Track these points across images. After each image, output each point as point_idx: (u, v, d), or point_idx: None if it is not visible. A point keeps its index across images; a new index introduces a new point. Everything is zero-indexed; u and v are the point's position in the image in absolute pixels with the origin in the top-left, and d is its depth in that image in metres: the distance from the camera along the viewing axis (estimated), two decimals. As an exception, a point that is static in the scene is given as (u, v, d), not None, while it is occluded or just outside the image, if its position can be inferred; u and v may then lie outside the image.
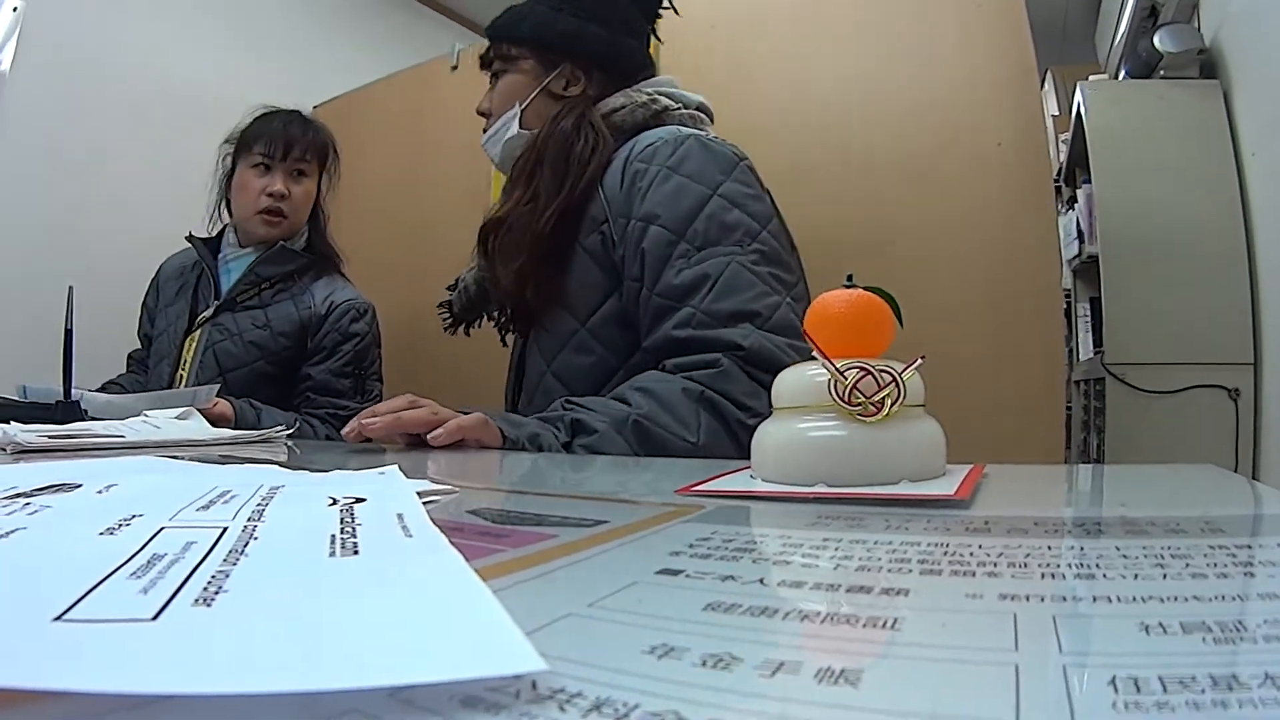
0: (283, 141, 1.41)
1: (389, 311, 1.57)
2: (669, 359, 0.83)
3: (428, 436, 0.75)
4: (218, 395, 1.18)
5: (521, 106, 1.00)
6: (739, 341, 0.79)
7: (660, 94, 1.00)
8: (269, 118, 1.45)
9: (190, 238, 1.48)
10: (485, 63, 1.06)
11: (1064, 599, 0.20)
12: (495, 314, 1.09)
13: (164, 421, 0.93)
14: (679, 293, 0.84)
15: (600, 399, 0.83)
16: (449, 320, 1.18)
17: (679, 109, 1.00)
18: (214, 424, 1.12)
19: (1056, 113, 2.97)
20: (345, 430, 0.78)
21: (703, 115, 1.03)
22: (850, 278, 0.49)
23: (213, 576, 0.20)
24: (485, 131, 1.05)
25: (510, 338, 1.12)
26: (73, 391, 1.00)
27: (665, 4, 1.10)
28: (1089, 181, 2.11)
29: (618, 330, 0.91)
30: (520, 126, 1.00)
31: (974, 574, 0.23)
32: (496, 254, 0.98)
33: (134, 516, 0.28)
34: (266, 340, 1.37)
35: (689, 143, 0.90)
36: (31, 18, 1.79)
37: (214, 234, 1.49)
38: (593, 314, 0.92)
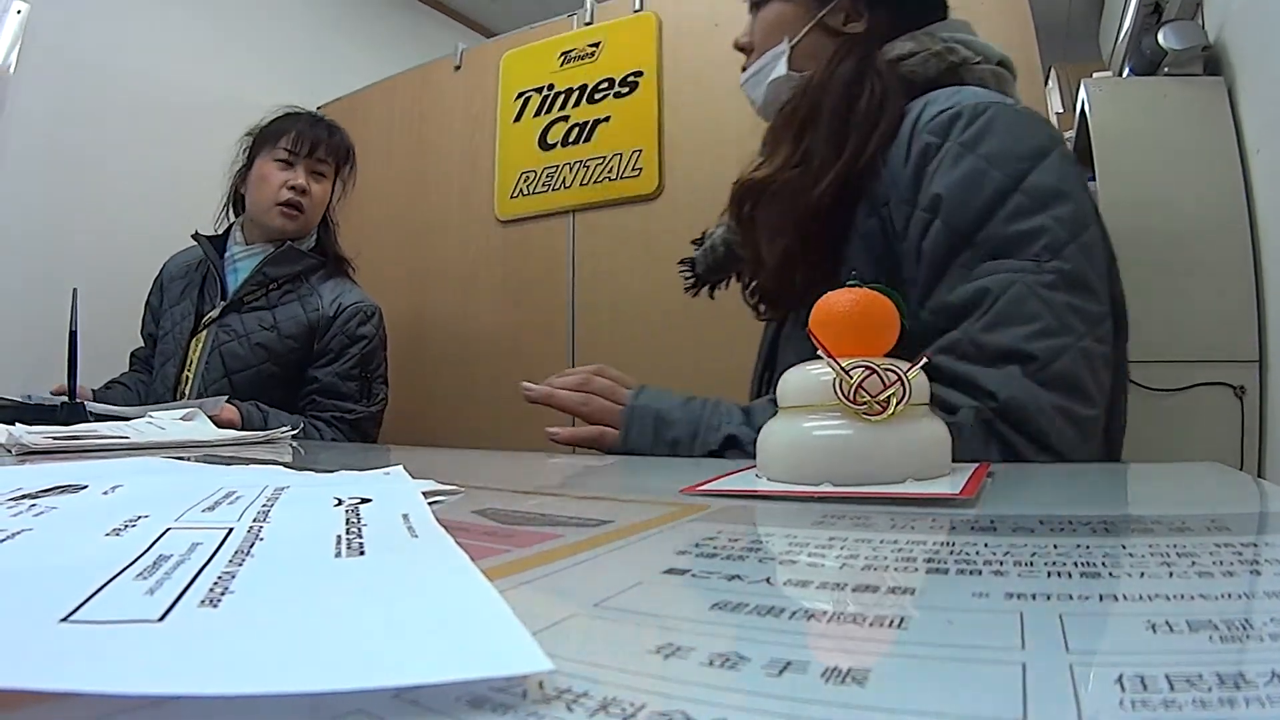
0: (309, 139, 1.42)
1: (391, 312, 1.57)
2: None
3: (546, 430, 0.75)
4: (225, 401, 1.18)
5: (792, 42, 0.84)
6: (994, 390, 0.62)
7: (956, 41, 0.79)
8: (295, 116, 1.47)
9: (197, 236, 1.48)
10: None
11: (1070, 597, 0.20)
12: (747, 280, 0.91)
13: (169, 422, 0.93)
14: (951, 312, 0.67)
15: None
16: (691, 280, 1.04)
17: (979, 63, 0.79)
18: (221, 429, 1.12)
19: (1060, 110, 2.96)
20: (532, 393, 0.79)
21: (1006, 73, 0.82)
22: (855, 276, 0.49)
23: (219, 577, 0.20)
24: (744, 70, 0.90)
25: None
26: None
27: None
28: (1093, 179, 2.10)
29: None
30: (789, 67, 0.83)
31: (980, 573, 0.23)
32: (758, 225, 0.82)
33: (140, 517, 0.28)
34: (273, 342, 1.37)
35: (993, 112, 0.71)
36: (35, 20, 1.79)
37: (220, 233, 1.49)
38: None
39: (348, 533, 0.26)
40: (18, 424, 0.75)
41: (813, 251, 0.77)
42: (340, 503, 0.33)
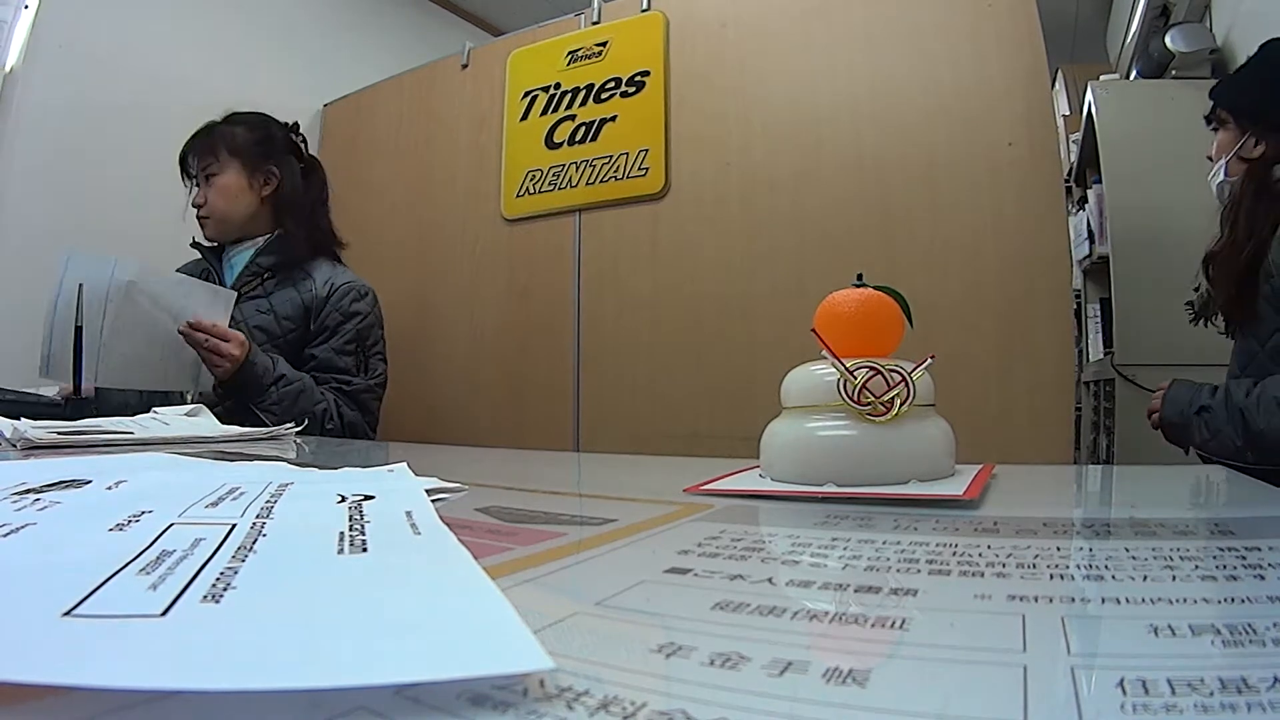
0: (184, 155, 1.50)
1: (397, 309, 1.57)
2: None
3: None
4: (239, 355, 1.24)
5: (1225, 160, 1.23)
6: (1261, 429, 1.00)
7: None
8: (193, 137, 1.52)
9: (194, 244, 1.53)
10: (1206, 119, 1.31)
11: (1072, 600, 0.20)
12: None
13: (173, 418, 0.94)
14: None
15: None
16: (1194, 317, 1.38)
17: None
18: (228, 343, 1.22)
19: (1067, 112, 2.95)
20: None
21: None
22: (860, 277, 0.49)
23: (221, 573, 0.20)
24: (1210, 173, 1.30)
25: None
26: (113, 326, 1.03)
27: None
28: (1099, 181, 2.10)
29: None
30: (1225, 175, 1.24)
31: (983, 574, 0.23)
32: (1214, 280, 1.22)
33: (143, 513, 0.28)
34: (271, 325, 1.41)
35: None
36: (43, 18, 1.80)
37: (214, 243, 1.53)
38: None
39: (350, 530, 0.26)
40: (22, 418, 0.75)
41: (1243, 299, 1.12)
42: (343, 499, 0.33)
